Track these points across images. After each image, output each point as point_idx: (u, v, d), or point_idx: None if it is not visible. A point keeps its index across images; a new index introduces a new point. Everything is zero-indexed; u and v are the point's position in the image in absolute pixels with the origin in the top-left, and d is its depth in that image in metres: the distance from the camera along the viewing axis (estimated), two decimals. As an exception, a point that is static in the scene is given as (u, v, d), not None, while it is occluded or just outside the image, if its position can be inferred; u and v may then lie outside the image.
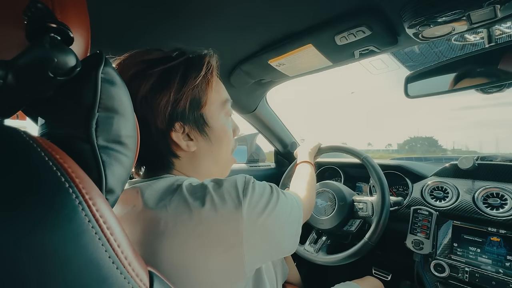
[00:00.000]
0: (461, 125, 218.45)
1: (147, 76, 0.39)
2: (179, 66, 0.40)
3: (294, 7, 0.53)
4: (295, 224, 0.43)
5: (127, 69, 0.39)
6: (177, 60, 0.40)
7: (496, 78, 0.58)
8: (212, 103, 0.44)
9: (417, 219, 0.79)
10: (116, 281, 0.20)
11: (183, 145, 0.42)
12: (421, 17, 0.48)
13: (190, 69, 0.41)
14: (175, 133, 0.41)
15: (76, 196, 0.19)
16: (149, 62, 0.40)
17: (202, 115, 0.43)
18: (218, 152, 0.47)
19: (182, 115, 0.41)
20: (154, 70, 0.39)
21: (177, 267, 0.33)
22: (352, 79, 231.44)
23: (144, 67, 0.39)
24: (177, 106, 0.40)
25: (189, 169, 0.45)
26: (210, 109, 0.44)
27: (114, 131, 0.25)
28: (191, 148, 0.43)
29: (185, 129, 0.42)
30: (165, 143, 0.41)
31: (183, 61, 0.41)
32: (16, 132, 0.20)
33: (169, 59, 0.40)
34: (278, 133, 1.24)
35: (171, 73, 0.40)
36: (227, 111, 0.48)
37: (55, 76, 0.21)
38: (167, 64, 0.40)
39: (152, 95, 0.39)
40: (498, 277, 0.64)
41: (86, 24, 0.25)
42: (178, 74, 0.40)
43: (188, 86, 0.40)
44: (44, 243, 0.17)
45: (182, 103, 0.40)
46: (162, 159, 0.43)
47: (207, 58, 0.43)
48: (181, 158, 0.44)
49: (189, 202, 0.34)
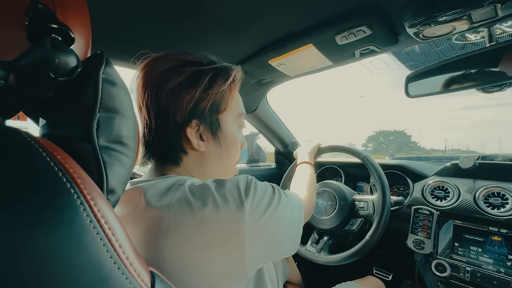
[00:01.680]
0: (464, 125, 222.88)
1: (180, 72, 0.42)
2: (210, 70, 0.44)
3: (295, 7, 0.53)
4: (296, 224, 0.43)
5: (163, 63, 0.43)
6: (209, 66, 0.44)
7: (497, 77, 0.58)
8: (230, 112, 0.47)
9: (418, 219, 0.79)
10: (117, 281, 0.20)
11: (194, 143, 0.43)
12: (421, 16, 0.48)
13: (218, 76, 0.44)
14: (190, 129, 0.42)
15: (78, 196, 0.19)
16: (184, 61, 0.43)
17: (218, 120, 0.45)
18: (224, 158, 0.48)
19: (201, 114, 0.43)
20: (187, 68, 0.42)
21: (179, 267, 0.33)
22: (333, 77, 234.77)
23: (179, 64, 0.42)
24: (199, 105, 0.42)
25: (194, 169, 0.46)
26: (227, 116, 0.46)
27: (115, 132, 0.25)
28: (201, 147, 0.44)
29: (199, 128, 0.43)
30: (178, 137, 0.43)
31: (214, 67, 0.44)
32: (18, 132, 0.20)
33: (201, 63, 0.44)
34: (278, 133, 1.24)
35: (202, 74, 0.43)
36: (240, 124, 0.50)
37: (56, 76, 0.21)
38: (199, 67, 0.43)
39: (179, 89, 0.41)
40: (500, 277, 0.64)
41: (87, 24, 0.26)
42: (208, 77, 0.43)
43: (213, 89, 0.43)
44: (46, 244, 0.17)
45: (204, 103, 0.43)
46: (172, 153, 0.44)
47: (235, 71, 0.47)
48: (189, 155, 0.45)
49: (191, 202, 0.34)
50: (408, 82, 0.72)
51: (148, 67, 0.43)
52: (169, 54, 0.45)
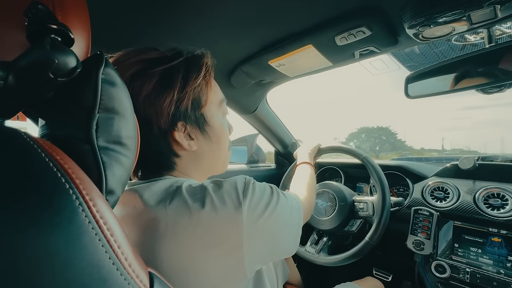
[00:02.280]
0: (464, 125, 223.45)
1: (149, 76, 0.39)
2: (180, 66, 0.41)
3: (294, 8, 0.53)
4: (295, 225, 0.43)
5: (127, 69, 0.39)
6: (177, 60, 0.41)
7: (496, 78, 0.58)
8: (212, 103, 0.45)
9: (417, 220, 0.79)
10: (116, 282, 0.20)
11: (185, 144, 0.42)
12: (421, 17, 0.48)
13: (190, 69, 0.41)
14: (177, 133, 0.41)
15: (77, 197, 0.19)
16: (149, 62, 0.40)
17: (203, 115, 0.44)
18: (217, 150, 0.47)
19: (185, 114, 0.41)
20: (155, 69, 0.39)
21: (177, 269, 0.33)
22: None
23: (145, 67, 0.39)
24: (180, 106, 0.40)
25: (190, 169, 0.45)
26: (210, 109, 0.45)
27: (114, 132, 0.25)
28: (193, 147, 0.43)
29: (186, 129, 0.42)
30: (167, 142, 0.41)
31: (183, 61, 0.41)
32: (17, 133, 0.20)
33: (167, 58, 0.41)
34: (278, 134, 1.24)
35: (173, 72, 0.40)
36: (223, 111, 0.49)
37: (56, 77, 0.21)
38: (167, 64, 0.40)
39: (155, 95, 0.39)
40: (499, 278, 0.64)
41: (86, 25, 0.26)
42: (180, 74, 0.40)
43: (189, 86, 0.40)
44: (44, 244, 0.17)
45: (185, 102, 0.40)
46: (164, 159, 0.43)
47: (205, 58, 0.44)
48: (183, 157, 0.44)
49: (189, 204, 0.34)
50: (408, 83, 0.72)
51: None
52: (129, 54, 0.41)
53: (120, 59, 0.41)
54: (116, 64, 0.41)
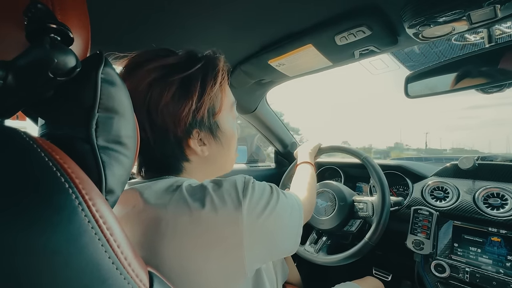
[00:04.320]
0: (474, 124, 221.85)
1: (169, 84, 0.39)
2: (198, 73, 0.40)
3: (294, 7, 0.53)
4: (295, 224, 0.43)
5: (146, 75, 0.39)
6: (195, 66, 0.41)
7: (496, 78, 0.58)
8: (224, 109, 0.45)
9: (417, 219, 0.79)
10: (115, 282, 0.20)
11: (198, 150, 0.42)
12: (421, 17, 0.48)
13: (207, 76, 0.41)
14: (192, 140, 0.41)
15: (76, 196, 0.19)
16: (168, 68, 0.40)
17: (216, 122, 0.44)
18: (227, 154, 0.48)
19: (200, 123, 0.42)
20: (175, 77, 0.39)
21: (177, 268, 0.33)
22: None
23: (164, 73, 0.39)
24: (197, 115, 0.40)
25: (198, 172, 0.45)
26: (223, 115, 0.45)
27: (114, 132, 0.25)
28: (205, 152, 0.43)
29: (200, 135, 0.43)
30: (181, 148, 0.42)
31: (201, 67, 0.41)
32: (16, 132, 0.20)
33: (186, 65, 0.40)
34: (278, 133, 1.24)
35: (192, 80, 0.40)
36: (234, 114, 0.49)
37: (55, 76, 0.21)
38: (186, 71, 0.40)
39: (174, 104, 0.39)
40: (499, 277, 0.64)
41: (86, 24, 0.26)
42: (198, 81, 0.40)
43: (207, 94, 0.41)
44: (44, 244, 0.17)
45: (202, 111, 0.41)
46: (174, 163, 0.43)
47: (220, 64, 0.44)
48: (192, 161, 0.44)
49: (189, 203, 0.34)
50: (408, 83, 0.72)
51: (130, 79, 0.39)
52: (147, 59, 0.40)
53: (138, 62, 0.40)
54: (134, 68, 0.40)
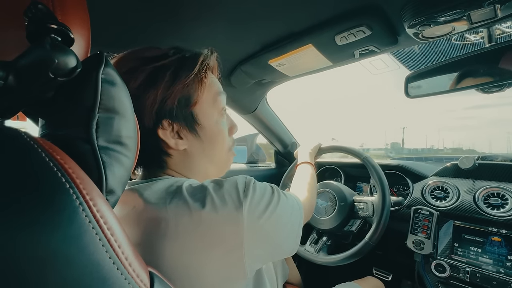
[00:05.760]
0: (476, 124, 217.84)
1: (138, 72, 0.39)
2: (171, 64, 0.40)
3: (294, 7, 0.53)
4: (296, 225, 0.43)
5: (124, 64, 0.40)
6: (171, 58, 0.40)
7: (496, 78, 0.58)
8: (204, 102, 0.44)
9: (417, 219, 0.79)
10: (116, 282, 0.20)
11: (171, 143, 0.41)
12: (421, 17, 0.48)
13: (182, 68, 0.40)
14: (162, 131, 0.40)
15: (77, 196, 0.19)
16: (143, 60, 0.40)
17: (192, 113, 0.42)
18: (211, 151, 0.46)
19: (170, 113, 0.40)
20: (145, 67, 0.39)
21: (178, 268, 0.33)
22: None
23: (137, 64, 0.39)
24: (165, 104, 0.40)
25: (183, 168, 0.44)
26: (201, 108, 0.43)
27: (114, 132, 0.25)
28: (180, 146, 0.42)
29: (173, 127, 0.41)
30: (155, 140, 0.41)
31: (176, 59, 0.41)
32: (17, 133, 0.20)
33: (163, 57, 0.40)
34: (278, 133, 1.24)
35: (161, 71, 0.39)
36: (220, 110, 0.46)
37: (56, 77, 0.21)
38: (159, 62, 0.40)
39: (140, 93, 0.38)
40: (499, 277, 0.64)
41: (86, 24, 0.26)
42: (168, 72, 0.40)
43: (177, 84, 0.40)
44: (45, 244, 0.17)
45: (170, 101, 0.40)
46: (154, 158, 0.43)
47: (202, 57, 0.43)
48: (173, 156, 0.43)
49: (190, 204, 0.34)
50: (408, 83, 0.72)
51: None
52: (132, 52, 0.41)
53: (121, 57, 0.42)
54: (116, 63, 0.41)
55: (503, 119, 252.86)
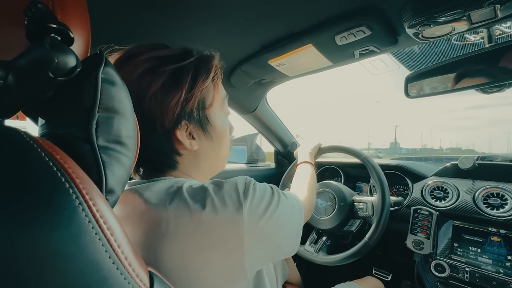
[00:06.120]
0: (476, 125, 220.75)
1: (159, 74, 0.39)
2: (190, 66, 0.41)
3: (294, 7, 0.53)
4: (296, 225, 0.43)
5: (138, 65, 0.39)
6: (188, 60, 0.41)
7: (496, 78, 0.58)
8: (216, 104, 0.45)
9: (417, 219, 0.79)
10: (116, 282, 0.20)
11: (187, 143, 0.42)
12: (421, 17, 0.48)
13: (199, 70, 0.41)
14: (179, 131, 0.41)
15: (77, 196, 0.19)
16: (161, 59, 0.40)
17: (207, 115, 0.44)
18: (219, 150, 0.47)
19: (190, 114, 0.41)
20: (166, 68, 0.39)
21: (178, 269, 0.33)
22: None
23: (156, 64, 0.39)
24: (186, 106, 0.40)
25: (192, 168, 0.45)
26: (214, 109, 0.45)
27: (114, 132, 0.25)
28: (194, 146, 0.43)
29: (188, 128, 0.42)
30: (169, 141, 0.41)
31: (194, 61, 0.41)
32: (16, 132, 0.20)
33: (178, 57, 0.41)
34: (278, 133, 1.24)
35: (183, 72, 0.40)
36: (225, 111, 0.49)
37: (56, 76, 0.21)
38: (178, 63, 0.40)
39: (163, 93, 0.39)
40: (499, 277, 0.64)
41: (86, 24, 0.25)
42: (190, 74, 0.40)
43: (198, 87, 0.41)
44: (44, 243, 0.17)
45: (191, 103, 0.41)
46: (166, 158, 0.43)
47: (215, 60, 0.44)
48: (184, 156, 0.44)
49: (190, 205, 0.34)
50: (408, 83, 0.72)
51: (122, 70, 0.38)
52: (141, 51, 0.41)
53: (131, 54, 0.41)
54: (127, 59, 0.40)
55: (503, 119, 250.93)
